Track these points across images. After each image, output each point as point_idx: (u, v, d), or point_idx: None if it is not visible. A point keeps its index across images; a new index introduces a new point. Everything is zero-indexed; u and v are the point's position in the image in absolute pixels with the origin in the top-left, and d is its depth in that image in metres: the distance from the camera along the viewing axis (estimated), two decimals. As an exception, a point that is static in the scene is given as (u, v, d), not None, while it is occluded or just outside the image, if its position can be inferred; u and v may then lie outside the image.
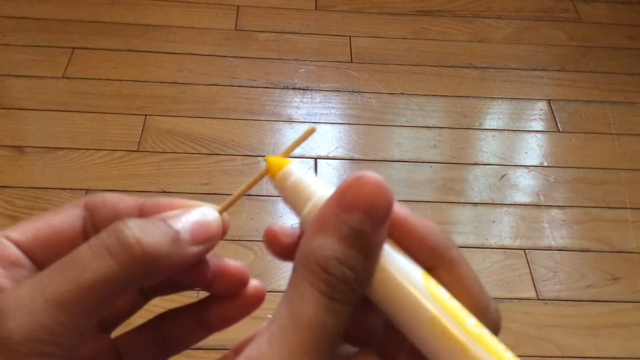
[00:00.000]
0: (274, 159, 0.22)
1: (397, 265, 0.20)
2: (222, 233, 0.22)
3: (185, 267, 0.21)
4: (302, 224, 0.21)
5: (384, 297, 0.20)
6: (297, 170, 0.22)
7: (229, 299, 0.24)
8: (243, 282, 0.24)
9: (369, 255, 0.19)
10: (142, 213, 0.22)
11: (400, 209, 0.21)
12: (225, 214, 0.23)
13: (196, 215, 0.21)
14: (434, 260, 0.20)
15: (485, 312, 0.20)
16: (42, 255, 0.22)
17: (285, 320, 0.19)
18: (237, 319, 0.24)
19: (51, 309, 0.18)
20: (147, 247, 0.19)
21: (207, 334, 0.25)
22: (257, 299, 0.24)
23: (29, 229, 0.22)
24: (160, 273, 0.20)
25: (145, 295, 0.25)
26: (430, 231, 0.21)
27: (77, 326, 0.18)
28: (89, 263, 0.19)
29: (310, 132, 0.23)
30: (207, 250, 0.22)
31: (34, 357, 0.17)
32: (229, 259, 0.24)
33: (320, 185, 0.21)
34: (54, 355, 0.18)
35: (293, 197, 0.21)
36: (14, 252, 0.21)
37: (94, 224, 0.22)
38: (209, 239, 0.21)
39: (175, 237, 0.20)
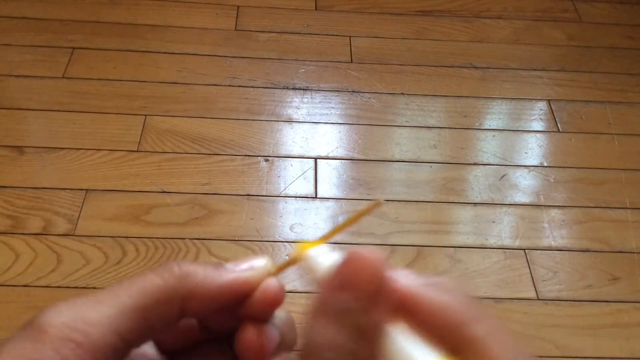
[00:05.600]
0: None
1: (398, 350, 0.18)
2: (280, 292, 0.22)
3: (229, 292, 0.21)
4: None
5: None
6: (312, 254, 0.22)
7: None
8: None
9: (362, 337, 0.18)
10: None
11: (411, 284, 0.19)
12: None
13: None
14: (453, 340, 0.18)
15: None
16: None
17: None
18: None
19: (91, 304, 0.19)
20: (186, 268, 0.21)
21: None
22: None
23: None
24: (200, 291, 0.21)
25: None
26: (442, 307, 0.19)
27: (112, 325, 0.19)
28: (133, 278, 0.21)
29: (377, 205, 0.22)
30: (249, 280, 0.22)
31: (62, 341, 0.18)
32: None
33: (326, 266, 0.21)
34: (82, 346, 0.18)
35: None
36: None
37: None
38: (250, 268, 0.22)
39: (217, 264, 0.22)
